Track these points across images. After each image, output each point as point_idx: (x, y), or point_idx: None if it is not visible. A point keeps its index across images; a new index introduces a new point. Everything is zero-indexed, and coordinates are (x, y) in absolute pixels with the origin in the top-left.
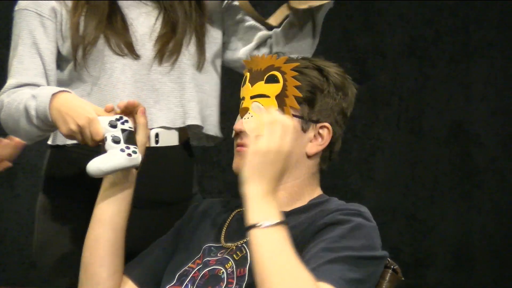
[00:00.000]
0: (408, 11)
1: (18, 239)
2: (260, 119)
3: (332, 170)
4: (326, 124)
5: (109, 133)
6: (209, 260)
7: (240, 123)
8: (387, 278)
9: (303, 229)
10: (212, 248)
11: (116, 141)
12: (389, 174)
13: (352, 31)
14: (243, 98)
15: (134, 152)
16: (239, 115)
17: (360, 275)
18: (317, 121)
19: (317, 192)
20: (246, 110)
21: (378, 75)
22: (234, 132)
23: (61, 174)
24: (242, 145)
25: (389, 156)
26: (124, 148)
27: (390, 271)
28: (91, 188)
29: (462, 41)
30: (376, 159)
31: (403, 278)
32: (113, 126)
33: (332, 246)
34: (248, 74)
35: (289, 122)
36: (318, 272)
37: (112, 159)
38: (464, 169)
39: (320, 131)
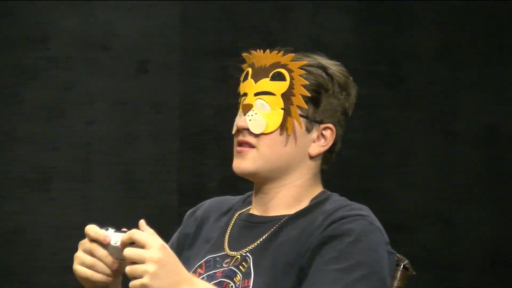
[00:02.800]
0: (442, 14)
1: (54, 243)
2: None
3: (366, 173)
4: (330, 125)
5: None
6: (215, 273)
7: (243, 120)
8: (398, 277)
9: (307, 235)
10: (216, 259)
11: None
12: (423, 177)
13: (386, 34)
14: (245, 94)
15: None
16: (240, 110)
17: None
18: (320, 122)
19: (318, 190)
20: (249, 107)
21: (412, 78)
22: (235, 128)
23: None
24: (244, 143)
25: (423, 159)
26: None
27: (401, 268)
28: None
29: (496, 44)
30: (410, 162)
31: (414, 273)
32: None
33: (342, 267)
34: (250, 70)
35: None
36: None
37: None
38: (498, 173)
39: (323, 132)
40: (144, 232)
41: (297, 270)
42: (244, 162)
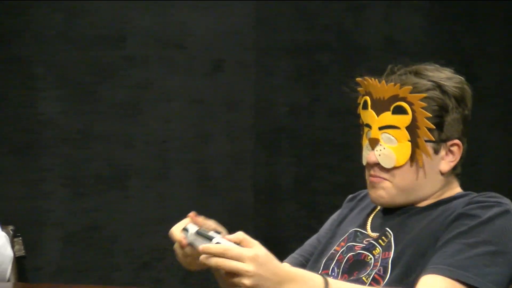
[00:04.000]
0: None
1: (130, 240)
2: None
3: None
4: (456, 141)
5: None
6: (354, 245)
7: (373, 155)
8: None
9: (446, 214)
10: (358, 233)
11: None
12: (496, 175)
13: (458, 33)
14: (369, 126)
15: None
16: (367, 143)
17: (495, 272)
18: (446, 140)
19: (457, 190)
20: (376, 141)
21: (484, 76)
22: (365, 161)
23: None
24: (379, 176)
25: (495, 157)
26: None
27: None
28: None
29: None
30: (483, 161)
31: None
32: None
33: (469, 242)
34: (368, 99)
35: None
36: (456, 268)
37: None
38: None
39: (451, 148)
40: (235, 247)
41: (435, 240)
42: (379, 193)
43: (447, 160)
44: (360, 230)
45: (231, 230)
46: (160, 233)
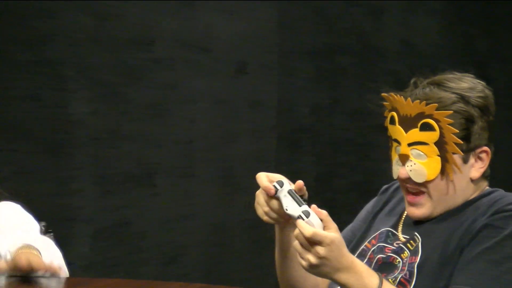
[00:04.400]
0: None
1: (158, 235)
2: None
3: None
4: (484, 148)
5: None
6: (384, 246)
7: (404, 171)
8: None
9: (472, 220)
10: (390, 233)
11: None
12: (509, 175)
13: (472, 35)
14: (397, 141)
15: None
16: (396, 159)
17: None
18: (474, 149)
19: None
20: (406, 157)
21: (498, 78)
22: (396, 175)
23: None
24: (413, 194)
25: (508, 157)
26: None
27: None
28: None
29: None
30: (496, 160)
31: None
32: None
33: (493, 258)
34: (395, 115)
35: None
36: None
37: None
38: None
39: (480, 155)
40: (320, 233)
41: (460, 250)
42: (418, 210)
43: (477, 167)
44: (392, 231)
45: (253, 227)
46: (187, 229)
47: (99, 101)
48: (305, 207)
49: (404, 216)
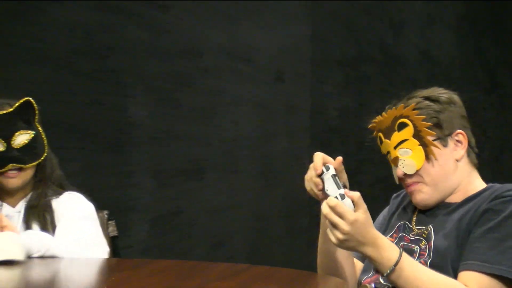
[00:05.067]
0: None
1: (206, 223)
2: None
3: None
4: (458, 131)
5: None
6: (404, 236)
7: (399, 171)
8: None
9: (476, 207)
10: (406, 226)
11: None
12: None
13: (483, 47)
14: (388, 153)
15: None
16: (392, 165)
17: None
18: (450, 134)
19: (481, 186)
20: (396, 159)
21: (506, 85)
22: (397, 179)
23: None
24: (412, 184)
25: None
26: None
27: None
28: None
29: None
30: (506, 158)
31: None
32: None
33: (497, 236)
34: (380, 134)
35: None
36: (491, 263)
37: None
38: None
39: (456, 138)
40: (343, 206)
41: (468, 233)
42: (420, 197)
43: (458, 149)
44: (408, 223)
45: (289, 216)
46: (231, 218)
47: (155, 105)
48: (342, 191)
49: (417, 212)
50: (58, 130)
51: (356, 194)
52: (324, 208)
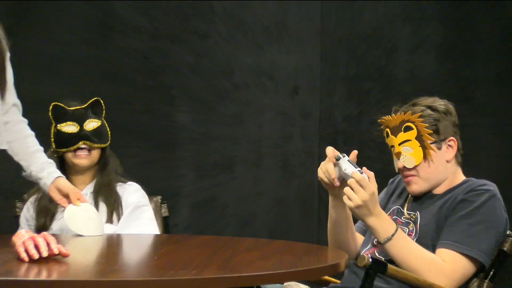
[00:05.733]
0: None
1: (236, 207)
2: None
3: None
4: (451, 137)
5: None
6: (397, 219)
7: (400, 163)
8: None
9: (454, 198)
10: (399, 210)
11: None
12: (492, 167)
13: (458, 68)
14: (393, 146)
15: None
16: (395, 157)
17: (487, 243)
18: (444, 139)
19: (461, 180)
20: (399, 153)
21: (476, 97)
22: (397, 169)
23: None
24: (409, 175)
25: (487, 154)
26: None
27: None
28: None
29: None
30: (478, 156)
31: None
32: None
33: (469, 222)
34: (388, 130)
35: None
36: (462, 244)
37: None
38: None
39: (449, 143)
40: (366, 180)
41: (446, 217)
42: (414, 187)
43: (449, 152)
44: (400, 208)
45: (302, 201)
46: (256, 203)
47: (196, 113)
48: (359, 169)
49: (409, 198)
50: (121, 132)
51: (371, 173)
52: (351, 181)
